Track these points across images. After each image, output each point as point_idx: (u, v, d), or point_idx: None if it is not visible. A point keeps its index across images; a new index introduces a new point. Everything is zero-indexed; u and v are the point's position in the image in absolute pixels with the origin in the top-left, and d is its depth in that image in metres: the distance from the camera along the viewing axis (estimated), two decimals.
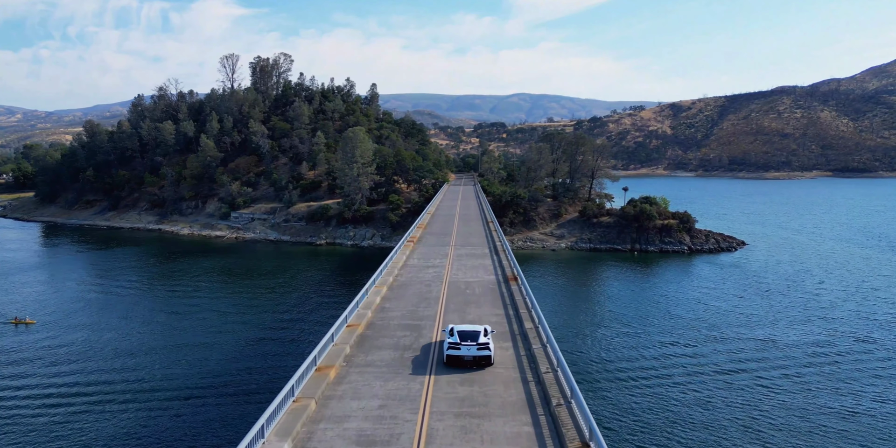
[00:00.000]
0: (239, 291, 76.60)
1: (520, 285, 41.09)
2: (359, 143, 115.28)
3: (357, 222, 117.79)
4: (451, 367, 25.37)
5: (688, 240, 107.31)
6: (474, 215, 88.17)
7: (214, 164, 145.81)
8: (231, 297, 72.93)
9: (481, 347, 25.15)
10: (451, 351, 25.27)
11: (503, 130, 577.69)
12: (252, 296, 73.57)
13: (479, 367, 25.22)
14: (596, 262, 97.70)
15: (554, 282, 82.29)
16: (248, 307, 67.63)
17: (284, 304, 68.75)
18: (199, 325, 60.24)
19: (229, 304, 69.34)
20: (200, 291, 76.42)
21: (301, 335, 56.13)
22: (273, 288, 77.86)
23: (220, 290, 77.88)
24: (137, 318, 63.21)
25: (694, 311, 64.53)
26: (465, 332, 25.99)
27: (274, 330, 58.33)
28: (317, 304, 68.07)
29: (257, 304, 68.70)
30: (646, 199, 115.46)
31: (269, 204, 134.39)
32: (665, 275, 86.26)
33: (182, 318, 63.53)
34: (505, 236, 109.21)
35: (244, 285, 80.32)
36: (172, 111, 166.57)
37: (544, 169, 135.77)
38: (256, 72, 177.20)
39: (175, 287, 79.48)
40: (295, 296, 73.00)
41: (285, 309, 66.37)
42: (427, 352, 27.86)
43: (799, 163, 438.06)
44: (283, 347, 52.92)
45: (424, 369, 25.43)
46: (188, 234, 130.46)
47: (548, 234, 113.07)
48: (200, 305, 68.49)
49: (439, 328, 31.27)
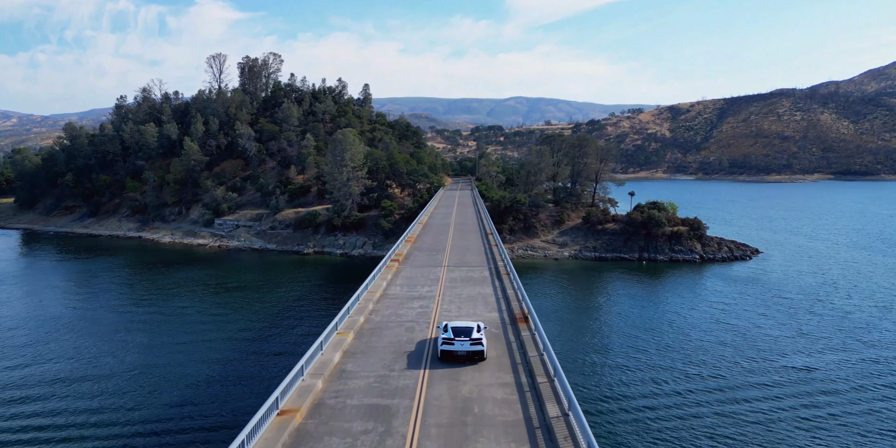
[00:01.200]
0: (211, 309, 69.68)
1: (532, 330, 30.83)
2: (349, 145, 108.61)
3: (347, 230, 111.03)
4: (444, 361, 26.32)
5: (699, 248, 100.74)
6: (472, 225, 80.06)
7: (199, 168, 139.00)
8: (203, 316, 66.02)
9: (474, 342, 26.09)
10: (445, 346, 26.25)
11: (500, 134, 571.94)
12: (224, 314, 66.68)
13: (471, 362, 26.06)
14: (602, 272, 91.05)
15: (557, 296, 75.60)
16: (215, 331, 60.77)
17: (257, 326, 61.93)
18: (164, 348, 53.40)
19: (198, 323, 62.45)
20: (171, 308, 69.50)
21: (263, 369, 49.33)
22: (249, 304, 70.95)
23: (192, 306, 70.96)
24: (104, 338, 56.42)
25: (714, 333, 57.82)
26: (459, 328, 26.92)
27: (233, 363, 51.50)
28: (292, 324, 61.28)
29: (226, 328, 61.85)
30: (653, 205, 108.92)
31: (256, 210, 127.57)
32: (677, 288, 79.59)
33: (150, 336, 56.68)
34: (504, 245, 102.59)
35: (218, 302, 73.38)
36: (156, 113, 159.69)
37: (545, 172, 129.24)
38: (245, 72, 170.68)
39: (147, 302, 72.55)
40: (271, 313, 66.13)
41: (255, 334, 59.55)
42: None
43: (800, 165, 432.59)
44: (241, 388, 46.10)
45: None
46: (169, 242, 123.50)
47: (549, 242, 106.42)
48: (168, 324, 61.64)
49: (420, 415, 21.09)
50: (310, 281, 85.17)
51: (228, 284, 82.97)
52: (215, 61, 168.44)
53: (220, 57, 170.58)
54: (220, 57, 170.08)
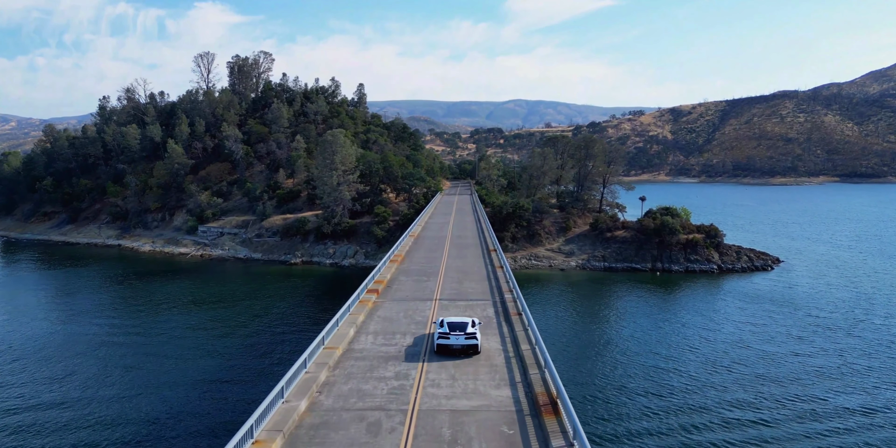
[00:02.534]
0: (182, 329, 62.23)
1: (567, 423, 19.65)
2: (339, 147, 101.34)
3: (338, 238, 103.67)
4: (440, 355, 27.52)
5: (716, 257, 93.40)
6: (471, 239, 69.43)
7: (183, 171, 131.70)
8: (171, 337, 58.60)
9: (469, 337, 27.38)
10: (441, 340, 27.56)
11: (500, 136, 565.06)
12: (197, 334, 59.27)
13: (466, 356, 27.25)
14: (612, 284, 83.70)
15: (564, 313, 68.24)
16: (186, 353, 53.37)
17: (234, 346, 54.53)
18: (134, 370, 46.03)
19: (167, 344, 55.06)
20: (140, 327, 62.07)
21: (240, 392, 41.97)
22: (225, 322, 63.52)
23: (161, 325, 63.53)
24: (73, 359, 49.05)
25: (748, 363, 50.41)
26: (455, 323, 28.29)
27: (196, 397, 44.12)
28: (273, 341, 53.91)
29: (199, 349, 54.47)
30: (666, 210, 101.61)
31: (242, 216, 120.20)
32: (697, 304, 72.20)
33: (120, 358, 49.32)
34: (506, 254, 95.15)
35: (191, 320, 65.93)
36: (140, 114, 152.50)
37: (548, 176, 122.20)
38: (234, 72, 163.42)
39: (114, 321, 65.09)
40: (249, 332, 58.74)
41: (232, 355, 52.15)
42: None
43: (805, 168, 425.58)
44: (213, 415, 38.74)
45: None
46: (149, 251, 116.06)
47: (555, 251, 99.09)
48: (136, 346, 54.25)
49: None
50: (295, 295, 77.71)
51: (205, 300, 75.51)
52: (203, 60, 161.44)
53: (209, 56, 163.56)
54: (208, 56, 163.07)
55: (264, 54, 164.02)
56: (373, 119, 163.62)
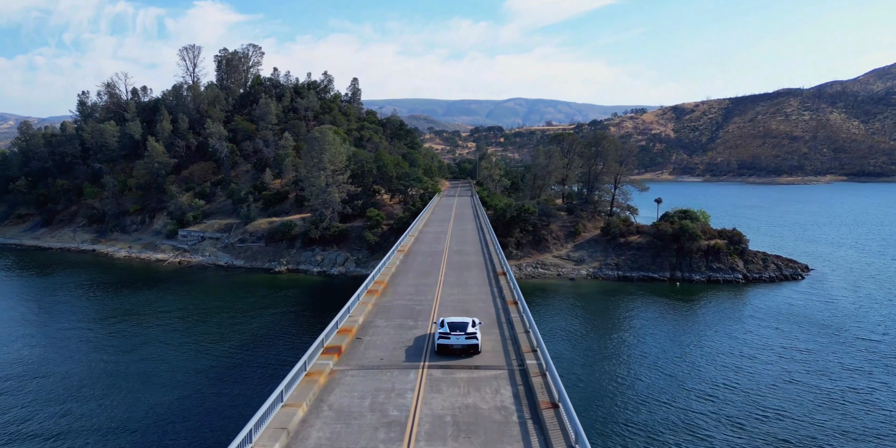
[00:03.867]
0: (147, 348, 53.96)
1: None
2: (328, 145, 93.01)
3: (327, 243, 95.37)
4: (441, 355, 27.39)
5: (741, 265, 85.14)
6: (473, 257, 55.69)
7: (164, 171, 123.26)
8: (137, 356, 50.35)
9: (469, 336, 27.29)
10: (442, 340, 27.46)
11: (500, 134, 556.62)
12: (163, 356, 51.00)
13: (466, 355, 27.12)
14: (627, 296, 75.42)
15: (575, 330, 59.98)
16: (152, 376, 45.12)
17: (204, 367, 46.27)
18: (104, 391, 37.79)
19: (132, 367, 46.80)
20: (103, 345, 53.80)
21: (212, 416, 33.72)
22: (196, 340, 55.25)
23: (123, 344, 55.24)
24: (35, 378, 40.79)
25: (801, 406, 42.05)
26: (455, 323, 28.21)
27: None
28: (247, 363, 45.69)
29: (167, 371, 46.20)
30: (684, 214, 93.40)
31: (225, 219, 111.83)
32: (726, 323, 63.84)
33: (85, 378, 41.05)
34: (511, 261, 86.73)
35: (146, 338, 57.62)
36: (120, 110, 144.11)
37: (554, 176, 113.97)
38: (222, 66, 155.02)
39: (73, 337, 56.82)
40: (222, 352, 50.47)
41: (201, 377, 43.89)
42: None
43: (812, 167, 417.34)
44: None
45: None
46: (124, 257, 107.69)
47: (563, 258, 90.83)
48: (84, 368, 46.00)
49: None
50: (274, 310, 69.33)
51: (171, 316, 67.15)
52: (188, 54, 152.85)
53: (194, 49, 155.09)
54: (193, 49, 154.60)
55: (253, 47, 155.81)
56: (367, 116, 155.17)
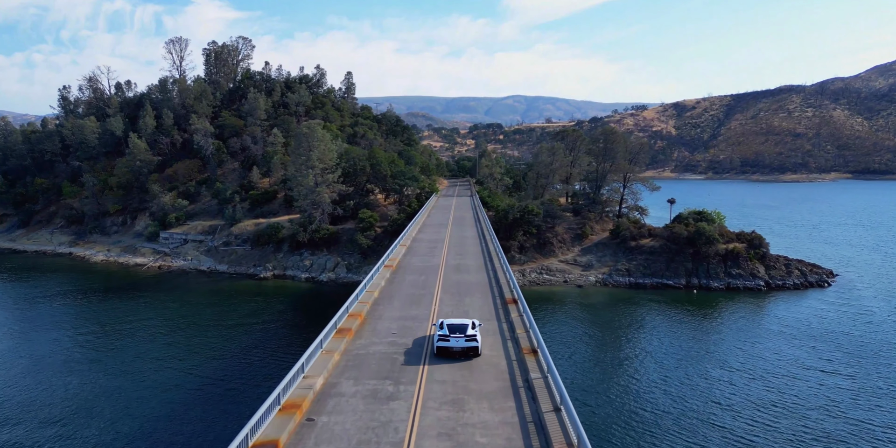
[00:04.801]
0: (110, 366, 47.59)
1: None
2: (317, 141, 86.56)
3: (316, 247, 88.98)
4: (440, 357, 26.37)
5: (762, 271, 78.86)
6: (475, 276, 44.40)
7: (146, 170, 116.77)
8: (99, 379, 44.01)
9: (469, 339, 26.30)
10: (441, 342, 26.53)
11: (500, 132, 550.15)
12: (127, 377, 44.67)
13: (466, 358, 26.16)
14: (641, 306, 69.15)
15: (585, 346, 53.69)
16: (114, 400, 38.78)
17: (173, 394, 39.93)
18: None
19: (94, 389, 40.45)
20: (52, 361, 47.42)
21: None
22: (165, 362, 48.93)
23: (81, 360, 48.88)
24: None
25: (852, 442, 35.96)
26: (455, 325, 27.18)
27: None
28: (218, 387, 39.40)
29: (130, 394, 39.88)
30: (699, 215, 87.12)
31: (210, 221, 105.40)
32: (752, 339, 57.56)
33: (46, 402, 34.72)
34: (514, 266, 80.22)
35: (115, 354, 51.25)
36: (103, 105, 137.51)
37: (558, 174, 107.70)
38: (210, 60, 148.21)
39: (36, 353, 50.43)
40: (193, 376, 44.17)
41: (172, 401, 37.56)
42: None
43: (816, 164, 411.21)
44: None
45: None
46: (102, 261, 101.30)
47: (570, 263, 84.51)
48: (45, 388, 39.65)
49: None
50: (256, 321, 62.91)
51: (140, 327, 60.76)
52: (175, 46, 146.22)
53: (181, 42, 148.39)
54: (180, 42, 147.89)
55: (243, 40, 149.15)
56: (362, 111, 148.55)
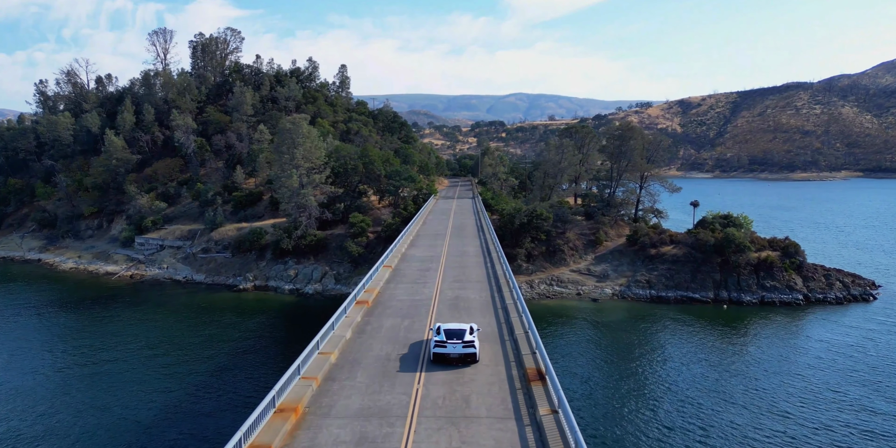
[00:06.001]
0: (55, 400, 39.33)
1: None
2: (302, 138, 78.16)
3: (302, 254, 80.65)
4: (437, 364, 25.40)
5: (800, 283, 70.34)
6: (479, 317, 33.15)
7: (123, 169, 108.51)
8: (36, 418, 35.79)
9: (466, 345, 25.40)
10: (438, 349, 25.57)
11: (502, 129, 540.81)
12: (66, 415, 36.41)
13: (464, 364, 25.27)
14: (663, 323, 60.74)
15: (601, 372, 45.26)
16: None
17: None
18: None
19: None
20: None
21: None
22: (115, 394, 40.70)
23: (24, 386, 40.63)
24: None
25: None
26: (452, 330, 26.09)
27: None
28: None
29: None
30: (726, 220, 78.58)
31: (190, 225, 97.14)
32: (795, 367, 49.08)
33: None
34: (522, 277, 71.92)
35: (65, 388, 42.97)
36: (80, 100, 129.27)
37: (567, 173, 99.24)
38: (197, 53, 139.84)
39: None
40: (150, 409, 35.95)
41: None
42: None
43: (826, 162, 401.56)
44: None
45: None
46: (71, 268, 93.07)
47: (583, 273, 76.04)
48: None
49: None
50: (229, 342, 54.61)
51: (98, 348, 52.49)
52: (158, 38, 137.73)
53: (166, 33, 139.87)
54: (165, 33, 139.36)
55: (231, 31, 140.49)
56: (357, 107, 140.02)
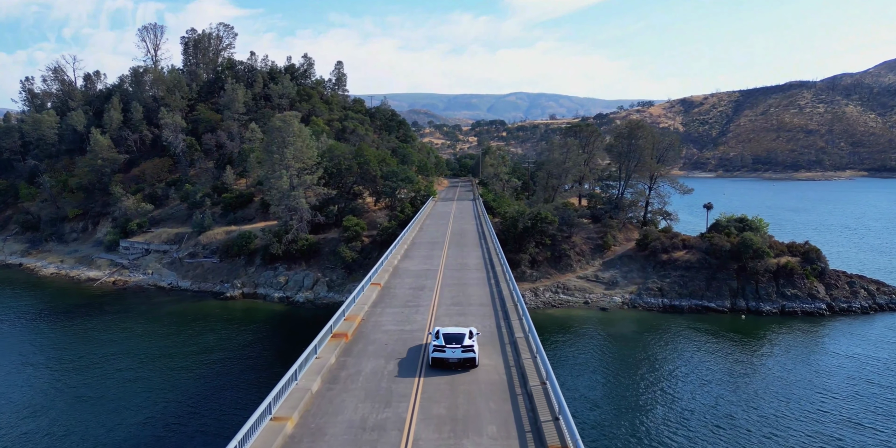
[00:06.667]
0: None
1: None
2: (292, 136, 73.78)
3: (293, 260, 76.31)
4: (436, 369, 24.98)
5: (822, 291, 65.98)
6: (484, 358, 25.99)
7: (110, 169, 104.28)
8: None
9: (466, 350, 24.90)
10: (437, 353, 25.11)
11: (503, 128, 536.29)
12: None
13: (463, 369, 24.73)
14: (677, 335, 56.43)
15: (613, 392, 40.90)
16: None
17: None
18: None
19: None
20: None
21: None
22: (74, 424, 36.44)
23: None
24: None
25: None
26: (451, 334, 25.61)
27: None
28: None
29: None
30: (741, 223, 74.21)
31: (178, 228, 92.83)
32: (829, 386, 44.75)
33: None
34: (525, 284, 67.66)
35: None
36: (66, 98, 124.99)
37: (571, 173, 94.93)
38: (189, 49, 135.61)
39: None
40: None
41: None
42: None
43: (830, 161, 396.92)
44: None
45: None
46: (52, 273, 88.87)
47: (591, 280, 71.69)
48: None
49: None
50: (211, 353, 50.31)
51: (70, 362, 48.20)
52: (149, 34, 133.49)
53: (157, 28, 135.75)
54: (155, 28, 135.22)
55: (224, 26, 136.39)
56: (354, 105, 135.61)
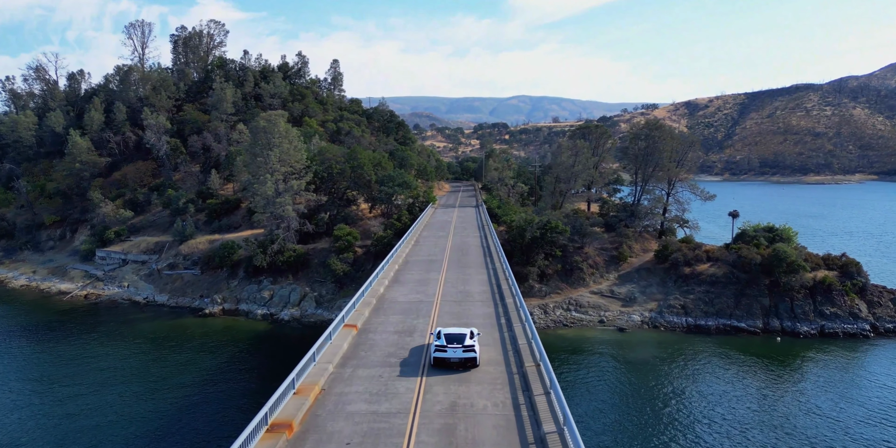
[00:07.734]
0: None
1: None
2: (278, 138, 67.40)
3: (278, 273, 69.85)
4: (437, 368, 25.37)
5: (864, 310, 59.30)
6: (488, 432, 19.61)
7: (89, 173, 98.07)
8: None
9: (467, 349, 25.33)
10: (438, 353, 25.46)
11: (505, 131, 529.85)
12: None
13: (464, 369, 25.16)
14: (704, 359, 49.79)
15: (631, 429, 34.30)
16: None
17: None
18: None
19: None
20: None
21: None
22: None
23: None
24: None
25: None
26: (452, 335, 26.02)
27: None
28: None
29: None
30: (771, 233, 67.57)
31: (159, 236, 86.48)
32: (878, 416, 38.13)
33: None
34: (534, 300, 60.85)
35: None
36: (49, 98, 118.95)
37: (581, 177, 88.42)
38: (179, 47, 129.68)
39: None
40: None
41: None
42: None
43: (839, 165, 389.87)
44: None
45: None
46: (22, 286, 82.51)
47: (605, 295, 65.09)
48: None
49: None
50: (182, 383, 43.78)
51: (18, 390, 41.71)
52: (135, 31, 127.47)
53: (144, 25, 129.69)
54: (142, 26, 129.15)
55: (215, 24, 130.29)
56: (350, 105, 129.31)
